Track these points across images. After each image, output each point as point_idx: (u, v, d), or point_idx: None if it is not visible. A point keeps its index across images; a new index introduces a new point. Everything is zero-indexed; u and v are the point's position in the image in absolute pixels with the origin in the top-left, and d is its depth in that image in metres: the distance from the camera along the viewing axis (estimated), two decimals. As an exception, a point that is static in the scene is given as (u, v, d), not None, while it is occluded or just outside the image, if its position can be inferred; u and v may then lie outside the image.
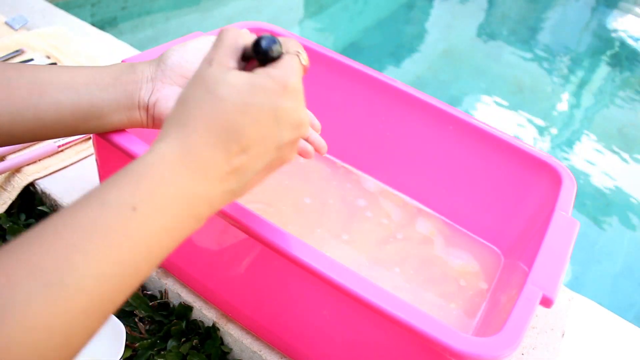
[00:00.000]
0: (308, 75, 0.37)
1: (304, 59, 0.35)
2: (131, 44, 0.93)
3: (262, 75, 0.31)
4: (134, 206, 0.26)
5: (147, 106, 0.41)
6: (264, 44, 0.32)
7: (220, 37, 0.33)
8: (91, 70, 0.40)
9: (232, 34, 0.33)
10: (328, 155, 0.71)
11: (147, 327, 0.53)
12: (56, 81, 0.38)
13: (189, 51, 0.42)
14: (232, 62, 0.32)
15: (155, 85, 0.41)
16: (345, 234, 0.61)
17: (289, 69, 0.32)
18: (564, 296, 0.62)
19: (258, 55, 0.32)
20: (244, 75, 0.31)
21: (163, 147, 0.29)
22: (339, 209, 0.64)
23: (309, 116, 0.34)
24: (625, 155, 1.56)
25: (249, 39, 0.34)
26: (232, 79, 0.30)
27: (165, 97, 0.41)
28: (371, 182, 0.68)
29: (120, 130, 0.43)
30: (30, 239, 0.23)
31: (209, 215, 0.30)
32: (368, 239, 0.61)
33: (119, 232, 0.25)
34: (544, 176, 0.56)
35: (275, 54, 0.32)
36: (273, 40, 0.32)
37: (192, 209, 0.29)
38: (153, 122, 0.42)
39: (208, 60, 0.32)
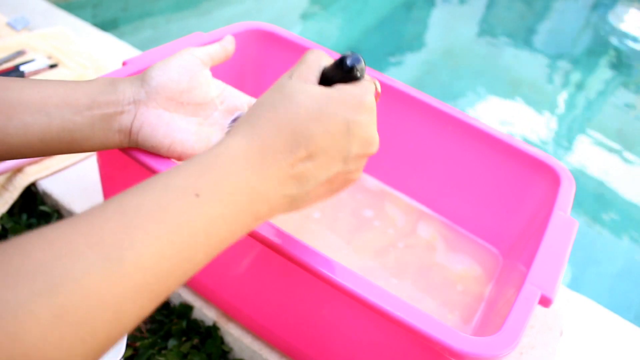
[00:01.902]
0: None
1: (378, 86, 0.35)
2: (132, 45, 0.94)
3: (340, 90, 0.32)
4: (197, 192, 0.26)
5: (130, 131, 0.39)
6: (349, 60, 0.33)
7: (304, 56, 0.34)
8: (66, 89, 0.37)
9: (315, 54, 0.34)
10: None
11: (148, 326, 0.53)
12: (26, 102, 0.35)
13: (174, 69, 0.40)
14: (312, 77, 0.33)
15: (139, 109, 0.38)
16: (348, 240, 0.62)
17: (368, 89, 0.33)
18: (562, 296, 0.62)
19: (341, 71, 0.33)
20: (324, 88, 0.32)
21: (231, 142, 0.29)
22: (339, 209, 0.65)
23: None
24: (624, 155, 1.56)
25: (330, 60, 0.35)
26: (311, 89, 0.31)
27: (151, 123, 0.39)
28: (371, 182, 0.69)
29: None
30: (93, 214, 0.24)
31: (268, 217, 0.30)
32: (370, 246, 0.62)
33: (180, 215, 0.25)
34: (542, 176, 0.56)
35: (358, 72, 0.33)
36: (358, 59, 0.33)
37: (253, 205, 0.29)
38: (137, 145, 0.40)
39: (289, 74, 0.33)
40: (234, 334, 0.51)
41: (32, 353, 0.19)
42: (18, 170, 0.63)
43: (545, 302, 0.39)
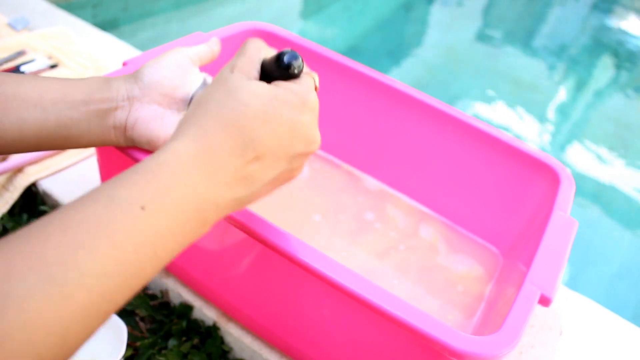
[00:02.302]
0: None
1: (317, 80, 0.35)
2: (132, 45, 0.94)
3: (284, 88, 0.32)
4: (143, 205, 0.25)
5: (125, 127, 0.39)
6: (286, 58, 0.32)
7: (243, 47, 0.34)
8: (62, 86, 0.37)
9: (255, 45, 0.34)
10: (329, 156, 0.71)
11: (148, 326, 0.53)
12: (22, 97, 0.36)
13: (166, 67, 0.40)
14: (253, 71, 0.32)
15: (133, 105, 0.39)
16: (350, 241, 0.62)
17: (309, 86, 0.33)
18: (562, 295, 0.62)
19: (279, 69, 0.33)
20: (267, 86, 0.31)
21: (177, 147, 0.28)
22: (340, 210, 0.65)
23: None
24: (624, 155, 1.56)
25: (269, 52, 0.34)
26: (255, 87, 0.31)
27: (145, 118, 0.39)
28: (371, 182, 0.69)
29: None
30: (34, 232, 0.23)
31: (215, 221, 0.30)
32: (371, 248, 0.62)
33: (125, 231, 0.24)
34: (542, 176, 0.56)
35: (295, 69, 0.33)
36: (295, 56, 0.33)
37: (200, 212, 0.28)
38: (132, 142, 0.40)
39: (230, 67, 0.32)
40: (234, 334, 0.51)
41: None
42: (18, 170, 0.63)
43: (544, 301, 0.39)
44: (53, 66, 0.80)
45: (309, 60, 0.65)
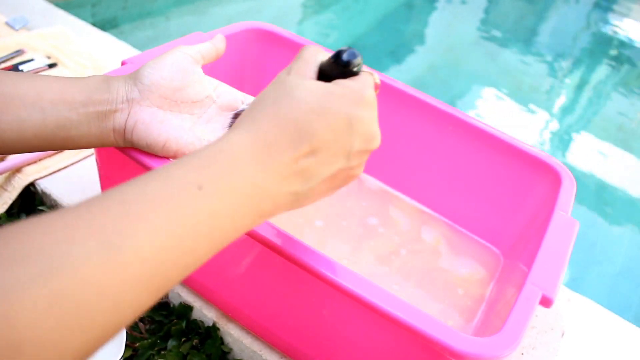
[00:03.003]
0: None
1: (377, 78, 0.35)
2: (132, 44, 0.93)
3: (340, 85, 0.32)
4: (200, 185, 0.26)
5: (124, 130, 0.39)
6: (345, 56, 0.32)
7: (300, 53, 0.34)
8: (62, 85, 0.37)
9: (311, 50, 0.34)
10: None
11: (148, 326, 0.53)
12: (21, 96, 0.35)
13: (166, 68, 0.39)
14: (310, 73, 0.33)
15: (133, 108, 0.39)
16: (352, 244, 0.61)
17: (367, 83, 0.33)
18: (563, 296, 0.62)
19: (338, 67, 0.33)
20: (323, 83, 0.32)
21: (233, 137, 0.29)
22: (339, 212, 0.64)
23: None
24: (625, 155, 1.56)
25: (326, 55, 0.34)
26: (310, 84, 0.31)
27: (144, 121, 0.39)
28: (373, 183, 0.68)
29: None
30: (94, 202, 0.23)
31: (272, 214, 0.30)
32: (374, 250, 0.62)
33: (182, 207, 0.25)
34: (543, 176, 0.56)
35: (355, 67, 0.33)
36: (354, 53, 0.33)
37: (256, 201, 0.28)
38: (132, 144, 0.40)
39: (287, 70, 0.33)
40: (233, 335, 0.51)
41: (25, 337, 0.18)
42: (17, 170, 0.63)
43: (546, 302, 0.39)
44: (52, 65, 0.80)
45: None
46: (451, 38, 2.12)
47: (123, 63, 0.51)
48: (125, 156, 0.42)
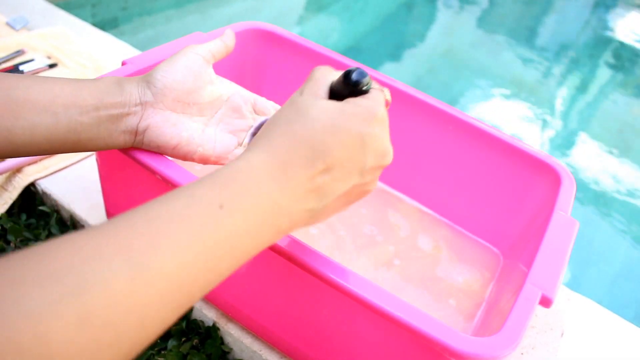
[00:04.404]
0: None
1: (387, 94, 0.36)
2: (132, 44, 0.93)
3: (352, 103, 0.33)
4: (221, 204, 0.27)
5: (136, 132, 0.39)
6: (354, 76, 0.33)
7: (311, 74, 0.35)
8: (73, 88, 0.37)
9: (322, 70, 0.35)
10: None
11: (148, 326, 0.53)
12: (33, 101, 0.35)
13: (179, 71, 0.40)
14: (321, 92, 0.33)
15: (146, 111, 0.39)
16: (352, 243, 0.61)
17: (378, 100, 0.34)
18: (563, 296, 0.62)
19: (348, 86, 0.33)
20: (335, 102, 0.32)
21: (251, 156, 0.30)
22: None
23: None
24: (625, 155, 1.56)
25: (336, 75, 0.35)
26: (323, 104, 0.32)
27: (157, 124, 0.39)
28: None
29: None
30: (119, 222, 0.24)
31: (289, 230, 0.31)
32: (374, 250, 0.62)
33: (205, 225, 0.26)
34: (543, 176, 0.56)
35: (364, 86, 0.34)
36: (362, 73, 0.33)
37: (274, 218, 0.29)
38: (141, 145, 0.40)
39: (299, 91, 0.33)
40: (233, 335, 0.51)
41: (58, 354, 0.19)
42: (17, 170, 0.63)
43: (545, 302, 0.39)
44: (52, 66, 0.80)
45: (309, 60, 0.65)
46: (451, 38, 2.12)
47: (123, 63, 0.51)
48: (125, 156, 0.42)
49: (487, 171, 0.60)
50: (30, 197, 0.64)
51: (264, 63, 0.68)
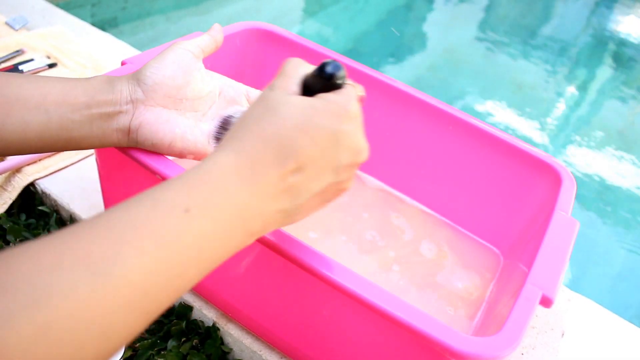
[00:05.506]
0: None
1: (360, 90, 0.35)
2: (131, 44, 0.93)
3: (323, 99, 0.31)
4: (187, 208, 0.26)
5: (129, 130, 0.39)
6: (329, 68, 0.32)
7: (282, 66, 0.34)
8: (64, 86, 0.37)
9: (293, 63, 0.34)
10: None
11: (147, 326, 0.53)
12: (25, 99, 0.35)
13: (169, 67, 0.39)
14: (293, 87, 0.32)
15: (137, 108, 0.39)
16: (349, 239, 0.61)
17: (351, 96, 0.32)
18: (563, 296, 0.62)
19: (322, 80, 0.32)
20: (306, 98, 0.31)
21: (219, 157, 0.29)
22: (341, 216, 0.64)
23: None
24: (626, 155, 1.56)
25: (310, 68, 0.34)
26: (293, 100, 0.31)
27: (149, 121, 0.39)
28: (373, 183, 0.68)
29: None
30: (80, 229, 0.23)
31: (263, 232, 0.30)
32: (375, 250, 0.62)
33: (170, 231, 0.25)
34: (543, 176, 0.56)
35: (339, 79, 0.32)
36: (337, 66, 0.32)
37: (245, 221, 0.28)
38: (136, 144, 0.40)
39: (270, 86, 0.32)
40: (233, 335, 0.51)
41: None
42: (17, 170, 0.63)
43: (546, 302, 0.39)
44: (51, 65, 0.79)
45: (309, 60, 0.65)
46: (451, 38, 2.12)
47: (123, 63, 0.51)
48: (125, 156, 0.42)
49: (488, 171, 0.60)
50: (30, 197, 0.64)
51: (264, 63, 0.68)
